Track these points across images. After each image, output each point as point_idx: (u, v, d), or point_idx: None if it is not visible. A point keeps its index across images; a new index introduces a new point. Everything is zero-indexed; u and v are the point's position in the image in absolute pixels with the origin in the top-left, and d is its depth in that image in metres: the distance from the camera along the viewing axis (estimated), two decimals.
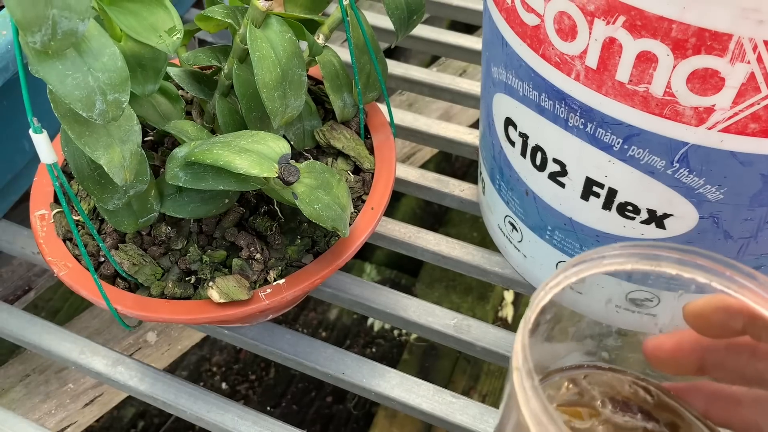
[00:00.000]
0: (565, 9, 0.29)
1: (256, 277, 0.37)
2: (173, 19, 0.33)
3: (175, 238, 0.39)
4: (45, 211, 0.40)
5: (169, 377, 0.45)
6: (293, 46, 0.36)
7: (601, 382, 0.22)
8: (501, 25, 0.34)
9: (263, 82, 0.34)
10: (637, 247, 0.23)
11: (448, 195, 0.53)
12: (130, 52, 0.33)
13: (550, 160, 0.36)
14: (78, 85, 0.28)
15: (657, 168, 0.31)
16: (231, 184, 0.33)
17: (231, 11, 0.36)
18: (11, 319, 0.48)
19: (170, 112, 0.38)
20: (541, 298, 0.20)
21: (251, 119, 0.38)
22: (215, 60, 0.39)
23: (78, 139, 0.30)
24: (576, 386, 0.22)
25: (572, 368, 0.23)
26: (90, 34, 0.28)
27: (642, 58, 0.27)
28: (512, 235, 0.45)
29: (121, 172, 0.31)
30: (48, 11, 0.25)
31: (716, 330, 0.24)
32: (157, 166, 0.40)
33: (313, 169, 0.35)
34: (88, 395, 0.54)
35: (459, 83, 0.61)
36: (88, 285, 0.37)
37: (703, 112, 0.28)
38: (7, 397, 0.53)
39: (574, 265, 0.22)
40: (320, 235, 0.39)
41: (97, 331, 0.58)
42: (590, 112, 0.31)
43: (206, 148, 0.32)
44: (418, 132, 0.58)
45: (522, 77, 0.34)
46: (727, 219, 0.33)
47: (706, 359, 0.25)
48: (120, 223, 0.36)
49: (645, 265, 0.23)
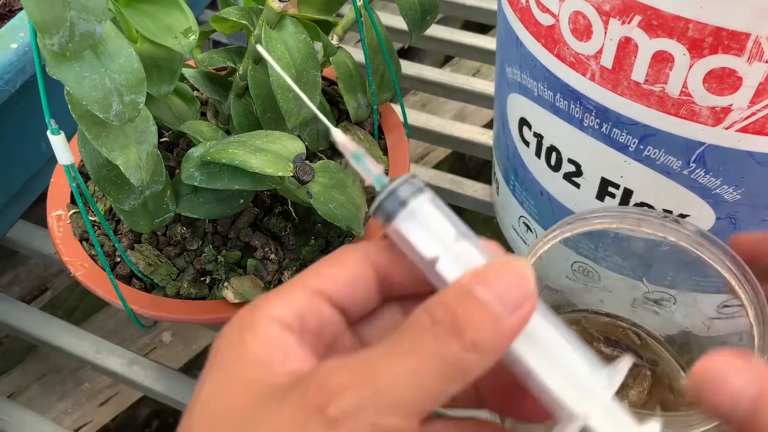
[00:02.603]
0: (580, 9, 0.29)
1: (270, 278, 0.37)
2: (189, 20, 0.33)
3: (190, 239, 0.39)
4: (62, 211, 0.41)
5: (184, 377, 0.45)
6: (308, 47, 0.36)
7: (597, 323, 0.25)
8: (515, 25, 0.34)
9: (278, 82, 0.34)
10: (621, 210, 0.27)
11: (461, 195, 0.53)
12: (145, 54, 0.34)
13: (565, 160, 0.36)
14: (95, 86, 0.28)
15: (673, 168, 0.31)
16: (246, 184, 0.33)
17: (246, 13, 0.37)
18: (28, 318, 0.48)
19: (185, 113, 0.38)
20: (540, 246, 0.24)
21: (266, 120, 0.38)
22: (230, 61, 0.40)
23: (95, 140, 0.30)
24: (576, 326, 0.25)
25: (575, 311, 0.25)
26: (107, 35, 0.29)
27: (658, 58, 0.27)
28: (526, 235, 0.44)
29: (137, 172, 0.31)
30: (66, 13, 0.25)
31: None
32: (173, 167, 0.41)
33: (327, 169, 0.35)
34: (104, 394, 0.55)
35: (473, 83, 0.61)
36: (104, 285, 0.37)
37: (719, 111, 0.28)
38: (24, 395, 0.53)
39: (569, 224, 0.26)
40: (334, 236, 0.40)
41: (113, 330, 0.59)
42: (606, 112, 0.31)
43: (222, 147, 0.32)
44: (432, 132, 0.58)
45: (537, 77, 0.34)
46: (744, 219, 0.32)
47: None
48: (136, 224, 0.37)
49: (628, 225, 0.27)
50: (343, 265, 0.21)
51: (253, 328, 0.19)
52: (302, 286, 0.20)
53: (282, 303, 0.20)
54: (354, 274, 0.20)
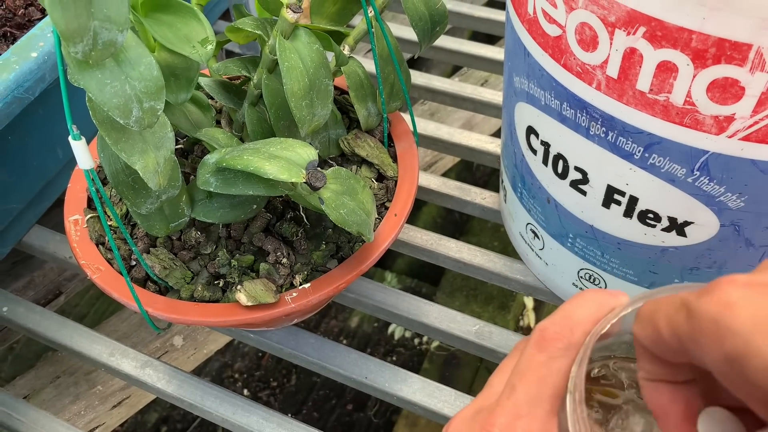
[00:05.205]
0: (586, 20, 0.29)
1: (282, 281, 0.38)
2: (206, 30, 0.34)
3: (204, 243, 0.40)
4: (79, 216, 0.42)
5: (196, 380, 0.46)
6: (321, 57, 0.37)
7: (627, 368, 0.25)
8: (523, 35, 0.35)
9: (292, 91, 0.35)
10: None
11: (469, 203, 0.54)
12: (163, 62, 0.35)
13: (572, 168, 0.36)
14: (116, 93, 0.29)
15: (678, 176, 0.32)
16: (260, 189, 0.34)
17: (261, 23, 0.38)
18: (44, 321, 0.49)
19: (201, 121, 0.39)
20: (597, 331, 0.22)
21: (279, 127, 0.39)
22: (245, 70, 0.40)
23: (115, 145, 0.31)
24: (605, 370, 0.25)
25: (603, 358, 0.25)
26: (127, 44, 0.30)
27: (662, 68, 0.28)
28: (534, 242, 0.45)
29: (155, 177, 0.32)
30: (90, 23, 0.26)
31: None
32: (188, 173, 0.41)
33: (338, 176, 0.36)
34: (116, 397, 0.55)
35: (481, 93, 0.62)
36: (120, 288, 0.38)
37: (723, 120, 0.28)
38: (38, 397, 0.54)
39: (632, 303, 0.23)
40: (344, 241, 0.40)
41: (125, 334, 0.59)
42: (611, 121, 0.32)
43: (237, 154, 0.33)
44: (441, 141, 0.59)
45: (544, 86, 0.35)
46: (748, 227, 0.33)
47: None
48: (152, 227, 0.37)
49: None
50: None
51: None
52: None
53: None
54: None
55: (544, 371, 0.22)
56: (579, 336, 0.22)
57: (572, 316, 0.23)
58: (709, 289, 0.18)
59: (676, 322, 0.19)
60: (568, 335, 0.22)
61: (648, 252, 0.37)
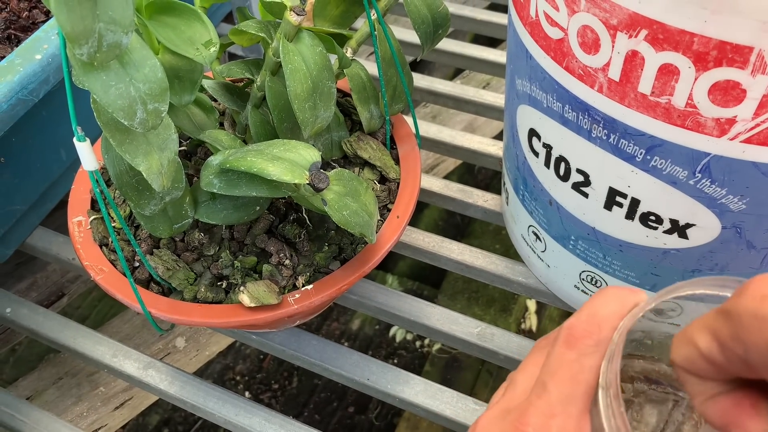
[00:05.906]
0: (588, 23, 0.30)
1: (285, 283, 0.38)
2: (210, 32, 0.34)
3: (207, 244, 0.40)
4: (82, 217, 0.42)
5: (198, 381, 0.46)
6: (324, 59, 0.37)
7: (631, 365, 0.25)
8: (525, 38, 0.35)
9: (295, 93, 0.35)
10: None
11: (471, 205, 0.54)
12: (167, 65, 0.35)
13: (574, 170, 0.37)
14: (120, 95, 0.29)
15: (679, 178, 0.32)
16: (263, 191, 0.34)
17: (264, 26, 0.38)
18: (46, 323, 0.49)
19: (204, 123, 0.39)
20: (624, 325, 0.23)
21: (282, 129, 0.39)
22: (248, 72, 0.41)
23: (119, 147, 0.31)
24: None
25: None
26: (132, 46, 0.30)
27: (664, 71, 0.28)
28: (536, 245, 0.45)
29: (159, 178, 0.32)
30: (95, 25, 0.26)
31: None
32: (191, 174, 0.42)
33: (341, 177, 0.36)
34: (118, 398, 0.55)
35: (483, 95, 0.62)
36: (123, 288, 0.38)
37: (724, 123, 0.28)
38: (41, 399, 0.54)
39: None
40: (347, 243, 0.40)
41: (128, 336, 0.60)
42: (613, 124, 0.32)
43: (241, 155, 0.33)
44: (443, 143, 0.59)
45: (546, 89, 0.35)
46: (749, 229, 0.33)
47: None
48: (156, 229, 0.38)
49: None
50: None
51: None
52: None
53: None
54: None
55: (575, 369, 0.22)
56: (607, 332, 0.23)
57: (598, 313, 0.23)
58: (743, 290, 0.19)
59: (715, 328, 0.19)
60: (597, 332, 0.23)
61: (650, 254, 0.37)
